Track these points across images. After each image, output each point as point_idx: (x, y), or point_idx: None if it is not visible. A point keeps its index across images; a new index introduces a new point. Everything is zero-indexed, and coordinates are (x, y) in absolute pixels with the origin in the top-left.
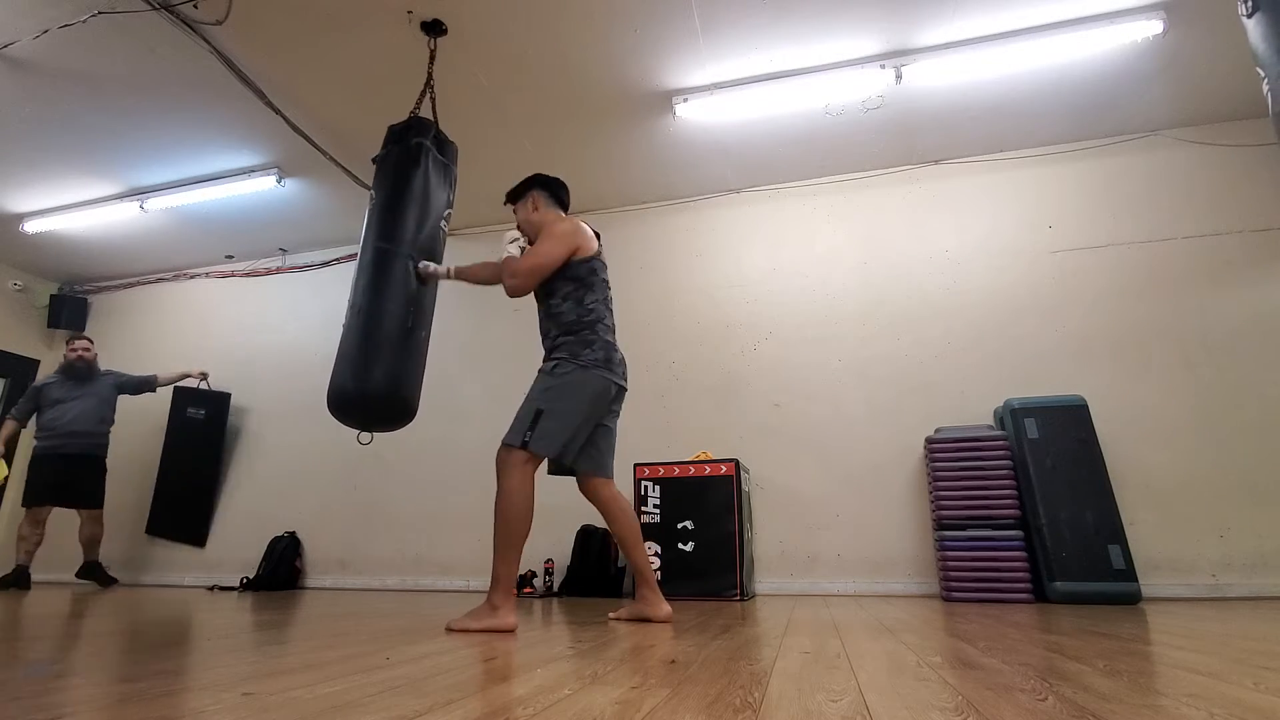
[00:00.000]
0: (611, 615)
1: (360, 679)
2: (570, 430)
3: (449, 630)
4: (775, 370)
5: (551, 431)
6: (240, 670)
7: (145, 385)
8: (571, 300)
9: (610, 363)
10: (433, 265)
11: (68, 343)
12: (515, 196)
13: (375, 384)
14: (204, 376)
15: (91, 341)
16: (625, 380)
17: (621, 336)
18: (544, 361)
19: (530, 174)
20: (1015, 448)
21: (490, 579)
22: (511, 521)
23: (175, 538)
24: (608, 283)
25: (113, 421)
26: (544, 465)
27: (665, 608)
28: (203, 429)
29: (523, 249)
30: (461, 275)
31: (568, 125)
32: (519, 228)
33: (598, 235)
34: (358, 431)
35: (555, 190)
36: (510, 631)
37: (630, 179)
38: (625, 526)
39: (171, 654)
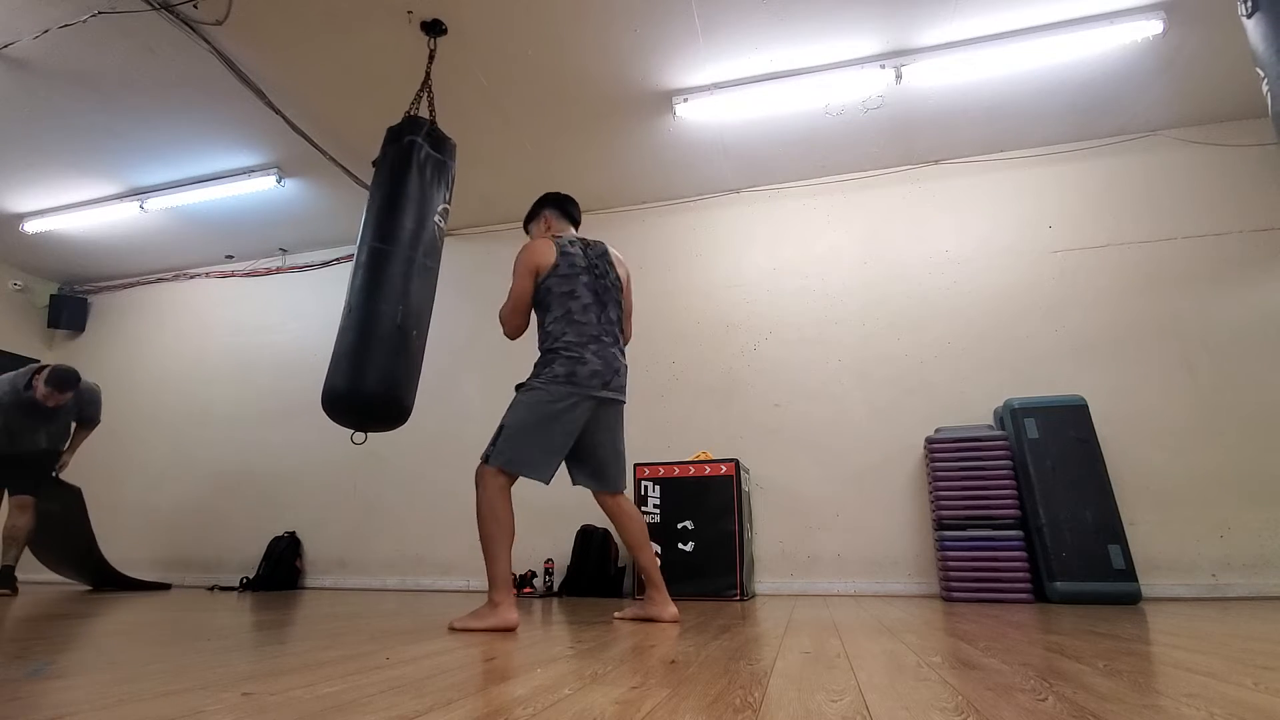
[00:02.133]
0: (617, 615)
1: (360, 679)
2: (526, 445)
3: (452, 630)
4: (775, 370)
5: (508, 446)
6: (240, 670)
7: (85, 422)
8: (539, 329)
9: (573, 377)
10: None
11: (52, 379)
12: (530, 219)
13: (369, 384)
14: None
15: (71, 393)
16: (606, 390)
17: None
18: None
19: (541, 194)
20: (1015, 448)
21: (487, 580)
22: (490, 526)
23: (134, 587)
24: (568, 294)
25: (60, 452)
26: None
27: (672, 609)
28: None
29: None
30: None
31: (568, 125)
32: None
33: (579, 243)
34: (352, 431)
35: (565, 207)
36: (513, 628)
37: (630, 179)
38: (631, 531)
39: (171, 654)
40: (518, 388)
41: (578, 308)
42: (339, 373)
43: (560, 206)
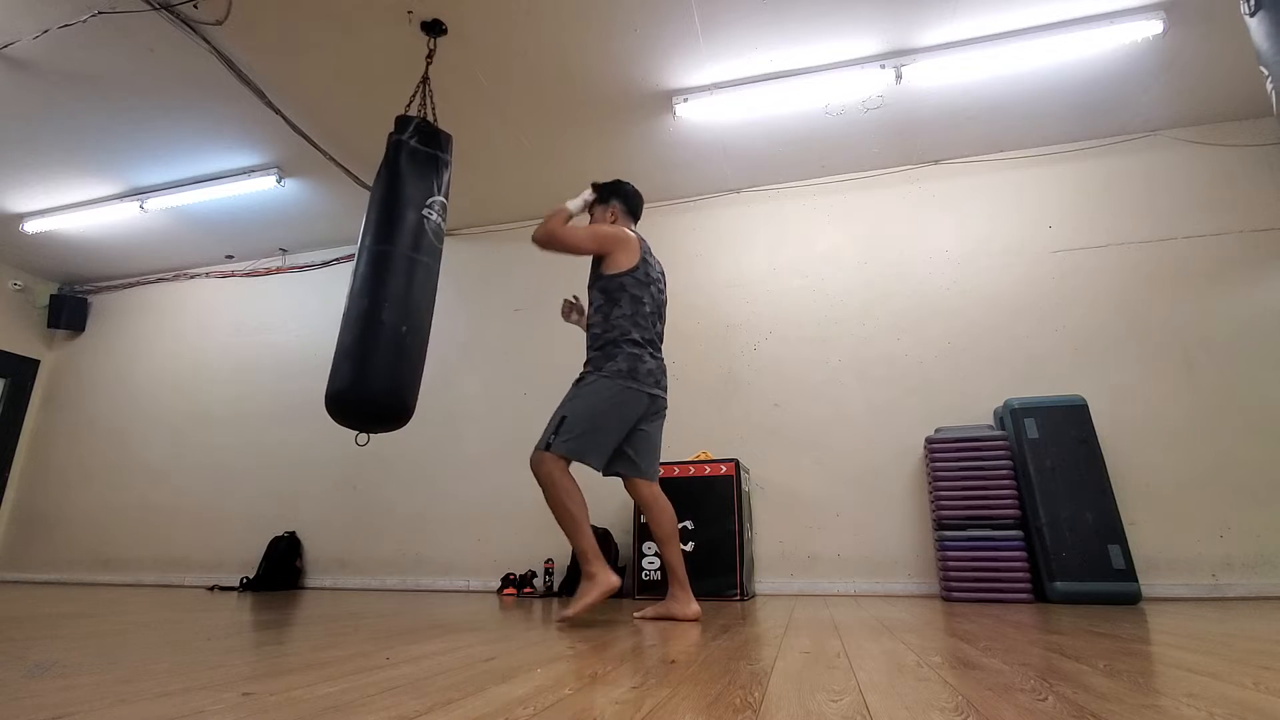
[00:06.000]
0: (636, 615)
1: (360, 679)
2: (590, 434)
3: (564, 620)
4: (775, 370)
5: (571, 435)
6: (240, 670)
7: None
8: (600, 314)
9: (635, 373)
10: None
11: None
12: (599, 202)
13: (371, 386)
14: None
15: None
16: (659, 389)
17: None
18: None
19: (615, 180)
20: (1015, 448)
21: (579, 556)
22: (566, 505)
23: None
24: (639, 298)
25: None
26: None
27: (694, 607)
28: None
29: (587, 203)
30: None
31: (568, 125)
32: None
33: (653, 256)
34: (355, 432)
35: (634, 205)
36: (615, 587)
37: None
38: (662, 524)
39: (171, 654)
40: (578, 380)
41: (643, 313)
42: (341, 375)
43: (630, 203)
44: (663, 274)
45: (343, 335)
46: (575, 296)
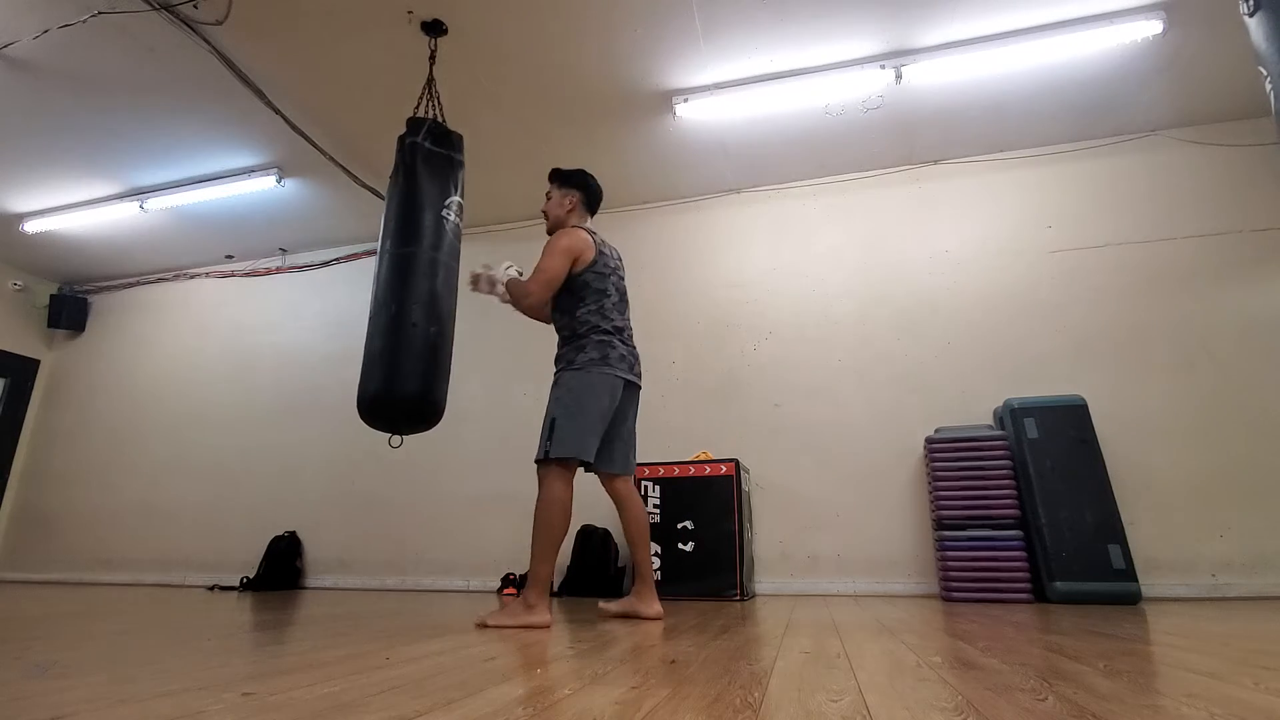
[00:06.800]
0: (601, 604)
1: (360, 679)
2: (583, 428)
3: (481, 626)
4: (775, 370)
5: (567, 433)
6: (240, 670)
7: None
8: (567, 314)
9: (607, 360)
10: (489, 270)
11: None
12: (561, 182)
13: (407, 387)
14: None
15: None
16: (632, 375)
17: None
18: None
19: (582, 169)
20: (1015, 448)
21: (529, 578)
22: (553, 527)
23: None
24: (603, 290)
25: None
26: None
27: (656, 606)
28: None
29: (519, 273)
30: (508, 288)
31: (568, 125)
32: (543, 210)
33: (608, 245)
34: (388, 436)
35: (594, 202)
36: (544, 628)
37: (630, 179)
38: (634, 523)
39: (171, 654)
40: (555, 382)
41: (609, 305)
42: (375, 378)
43: (591, 199)
44: (620, 259)
45: (372, 339)
46: (486, 265)
